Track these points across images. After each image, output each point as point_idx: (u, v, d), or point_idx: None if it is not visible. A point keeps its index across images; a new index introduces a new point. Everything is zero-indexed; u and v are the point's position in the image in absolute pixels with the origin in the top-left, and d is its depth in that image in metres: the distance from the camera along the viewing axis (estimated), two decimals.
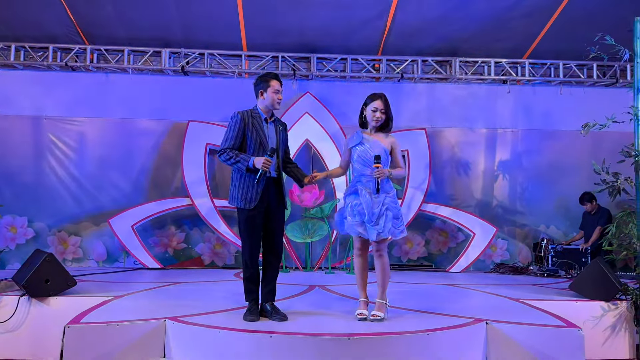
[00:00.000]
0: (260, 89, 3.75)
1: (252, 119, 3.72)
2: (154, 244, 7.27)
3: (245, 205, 3.65)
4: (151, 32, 7.15)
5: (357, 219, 3.68)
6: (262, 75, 3.80)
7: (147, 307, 4.14)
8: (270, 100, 3.73)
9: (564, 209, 7.68)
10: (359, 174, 3.77)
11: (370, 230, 3.64)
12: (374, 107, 3.76)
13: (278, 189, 3.79)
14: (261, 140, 3.69)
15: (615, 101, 5.88)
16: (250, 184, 3.64)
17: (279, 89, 3.75)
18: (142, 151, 7.40)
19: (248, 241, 3.74)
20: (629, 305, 4.46)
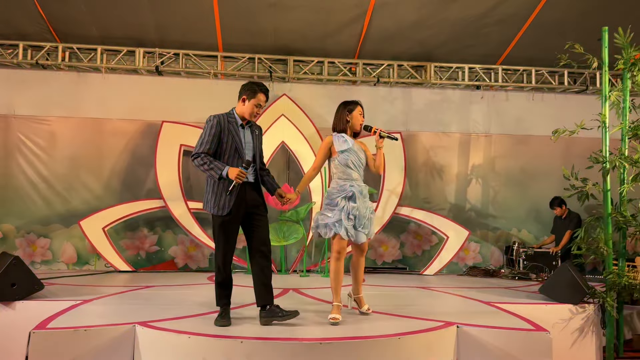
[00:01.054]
0: (244, 94, 3.68)
1: (229, 123, 3.64)
2: (126, 247, 7.15)
3: (218, 211, 3.60)
4: (125, 31, 7.05)
5: (350, 223, 3.74)
6: (253, 83, 3.73)
7: (116, 311, 4.07)
8: (249, 111, 3.67)
9: (536, 213, 7.82)
10: (350, 178, 3.83)
11: (360, 234, 3.78)
12: (359, 112, 3.92)
13: (257, 192, 3.76)
14: (237, 146, 3.63)
15: (586, 108, 6.03)
16: (224, 190, 3.57)
17: (262, 104, 3.71)
18: (114, 152, 7.28)
19: (221, 247, 3.72)
20: (596, 308, 4.56)
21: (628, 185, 4.60)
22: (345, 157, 3.84)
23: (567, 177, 4.76)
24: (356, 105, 3.96)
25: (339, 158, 3.85)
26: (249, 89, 3.68)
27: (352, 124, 3.91)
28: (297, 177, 7.38)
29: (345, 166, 3.84)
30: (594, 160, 4.73)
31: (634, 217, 4.63)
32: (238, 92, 3.75)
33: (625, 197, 4.64)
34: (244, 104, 3.67)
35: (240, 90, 3.73)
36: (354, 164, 3.85)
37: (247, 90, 3.68)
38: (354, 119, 3.90)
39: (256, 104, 3.67)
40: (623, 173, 4.66)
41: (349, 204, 3.76)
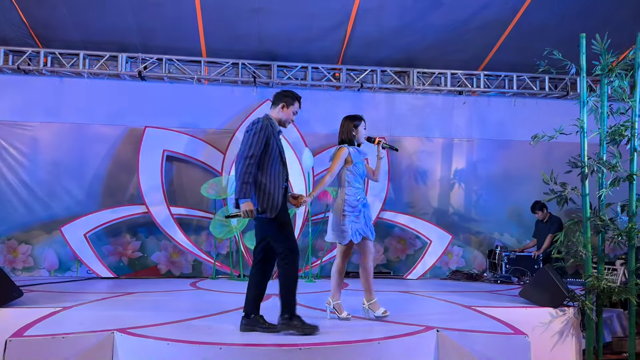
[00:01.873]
0: (283, 101, 3.69)
1: (272, 129, 3.62)
2: (108, 253, 7.10)
3: (273, 213, 3.52)
4: (108, 36, 7.01)
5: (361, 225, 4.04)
6: (291, 91, 3.78)
7: (96, 318, 4.02)
8: (288, 118, 3.72)
9: (518, 217, 7.89)
10: (362, 187, 4.13)
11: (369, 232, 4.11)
12: (363, 126, 4.16)
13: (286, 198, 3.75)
14: (280, 151, 3.65)
15: (566, 113, 6.08)
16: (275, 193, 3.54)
17: (297, 112, 3.78)
18: (96, 157, 7.23)
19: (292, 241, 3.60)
20: (576, 311, 4.61)
21: (606, 189, 4.66)
22: (360, 168, 4.12)
23: (546, 181, 4.80)
24: (361, 120, 4.19)
25: (354, 168, 4.08)
26: (289, 96, 3.72)
27: (357, 137, 4.15)
28: None
29: (359, 175, 4.10)
30: (572, 165, 4.79)
31: (612, 220, 4.69)
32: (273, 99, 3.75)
33: (603, 201, 4.70)
34: (283, 110, 3.69)
35: (278, 97, 3.74)
36: (362, 173, 4.16)
37: (287, 97, 3.71)
38: (359, 133, 4.14)
39: (294, 111, 3.74)
40: (601, 177, 4.72)
41: (364, 211, 4.09)
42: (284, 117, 3.70)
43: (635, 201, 4.64)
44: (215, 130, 7.46)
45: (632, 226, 4.58)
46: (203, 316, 4.09)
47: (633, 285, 4.54)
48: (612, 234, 4.71)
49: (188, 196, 7.32)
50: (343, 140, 4.14)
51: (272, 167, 3.57)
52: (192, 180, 7.32)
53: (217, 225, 6.78)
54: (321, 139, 7.54)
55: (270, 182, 3.54)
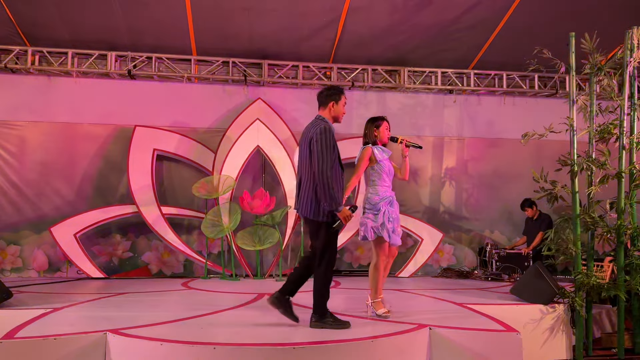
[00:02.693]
0: (332, 99, 3.71)
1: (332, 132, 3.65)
2: (98, 253, 7.05)
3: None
4: (96, 34, 6.96)
5: (391, 226, 4.08)
6: (335, 87, 3.79)
7: (87, 319, 4.00)
8: (340, 113, 3.75)
9: (508, 214, 7.95)
10: (387, 185, 4.18)
11: (396, 237, 4.14)
12: (385, 127, 4.24)
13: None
14: (338, 154, 3.67)
15: (555, 111, 6.14)
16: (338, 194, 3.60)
17: (346, 103, 3.79)
18: (86, 157, 7.17)
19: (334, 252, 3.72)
20: (566, 308, 4.65)
21: (595, 187, 4.71)
22: (385, 167, 4.18)
23: (536, 179, 4.84)
24: (382, 120, 4.27)
25: (379, 167, 4.17)
26: (334, 92, 3.73)
27: (380, 138, 4.23)
28: (273, 180, 7.37)
29: (385, 175, 4.18)
30: (562, 163, 4.83)
31: (601, 218, 4.74)
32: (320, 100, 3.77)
33: (593, 198, 4.75)
34: (334, 107, 3.72)
35: (323, 98, 3.75)
36: (389, 172, 4.21)
37: (334, 94, 3.73)
38: (381, 133, 4.22)
39: (344, 103, 3.77)
40: (590, 175, 4.76)
41: (389, 209, 4.10)
42: (337, 113, 3.74)
43: (624, 198, 4.69)
44: (206, 129, 7.43)
45: (621, 223, 4.64)
46: (196, 316, 4.07)
47: (622, 281, 4.60)
48: (601, 231, 4.76)
49: (179, 196, 7.29)
50: (367, 142, 4.25)
51: (335, 169, 3.61)
52: (183, 180, 7.28)
53: (208, 225, 6.76)
54: None
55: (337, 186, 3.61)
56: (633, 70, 4.74)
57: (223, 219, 6.80)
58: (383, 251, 4.12)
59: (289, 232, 7.11)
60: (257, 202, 6.76)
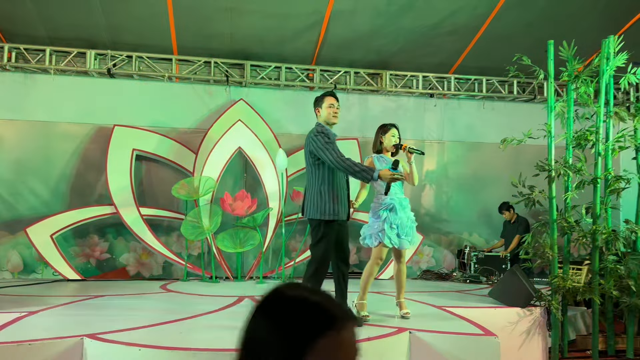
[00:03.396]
0: (316, 107, 3.91)
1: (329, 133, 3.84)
2: (75, 254, 6.93)
3: (340, 215, 3.75)
4: (76, 32, 6.84)
5: (394, 231, 4.15)
6: (320, 95, 3.95)
7: (64, 323, 3.93)
8: (325, 115, 3.86)
9: (486, 217, 8.05)
10: (392, 193, 4.17)
11: (404, 241, 4.23)
12: (392, 134, 4.31)
13: (349, 203, 3.97)
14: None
15: (534, 116, 6.27)
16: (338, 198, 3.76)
17: (333, 103, 3.87)
18: (63, 156, 7.04)
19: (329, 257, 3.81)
20: (543, 310, 4.74)
21: (572, 192, 4.80)
22: None
23: (515, 184, 4.92)
24: (390, 127, 4.35)
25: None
26: (317, 100, 3.93)
27: (385, 145, 4.32)
28: (255, 181, 7.34)
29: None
30: (540, 169, 4.92)
31: (577, 223, 4.83)
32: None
33: (569, 203, 4.84)
34: (320, 113, 3.89)
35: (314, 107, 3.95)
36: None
37: (316, 102, 3.93)
38: (386, 140, 4.31)
39: (328, 105, 3.86)
40: (567, 181, 4.85)
41: (390, 215, 4.16)
42: (326, 117, 3.86)
43: (599, 204, 4.79)
44: (187, 129, 7.36)
45: (596, 228, 4.73)
46: (175, 320, 4.04)
47: (596, 285, 4.70)
48: (577, 235, 4.86)
49: (158, 197, 7.21)
50: (373, 149, 4.39)
51: (334, 173, 3.78)
52: (163, 181, 7.20)
53: (188, 227, 6.71)
54: (295, 140, 7.52)
55: (339, 186, 3.78)
56: (609, 78, 4.84)
57: (203, 221, 6.75)
58: (377, 255, 4.19)
59: (271, 234, 7.09)
60: (239, 204, 6.72)
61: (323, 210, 3.73)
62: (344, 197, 3.86)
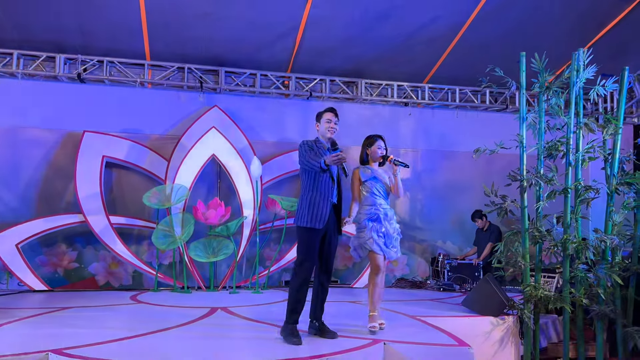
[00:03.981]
0: (317, 121, 4.11)
1: (317, 148, 3.99)
2: (42, 264, 6.72)
3: (314, 224, 3.84)
4: (45, 35, 6.66)
5: (381, 240, 4.17)
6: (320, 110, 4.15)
7: (28, 337, 3.77)
8: (323, 129, 4.04)
9: (459, 225, 8.13)
10: (374, 204, 4.25)
11: (389, 251, 4.24)
12: (377, 146, 4.37)
13: (337, 215, 4.06)
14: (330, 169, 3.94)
15: (506, 125, 6.37)
16: (317, 206, 3.87)
17: (331, 118, 4.05)
18: (31, 162, 6.84)
19: (307, 264, 3.89)
20: (515, 319, 4.78)
21: (543, 202, 4.87)
22: (370, 185, 4.29)
23: (487, 194, 4.97)
24: (376, 139, 4.41)
25: (364, 186, 4.31)
26: (317, 115, 4.13)
27: (371, 157, 4.37)
28: (229, 189, 7.25)
29: (370, 193, 4.28)
30: (512, 178, 4.97)
31: (548, 232, 4.90)
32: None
33: (540, 213, 4.91)
34: (319, 127, 4.09)
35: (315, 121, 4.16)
36: (378, 190, 4.30)
37: (316, 117, 4.13)
38: (372, 152, 4.36)
39: (326, 120, 4.04)
40: (539, 190, 4.92)
41: (375, 225, 4.18)
42: (321, 131, 4.07)
43: (570, 213, 4.87)
44: (159, 135, 7.24)
45: (567, 237, 4.80)
46: (145, 333, 3.93)
47: (567, 293, 4.76)
48: (548, 244, 4.93)
49: (129, 205, 7.05)
50: (360, 161, 4.43)
51: (321, 181, 3.91)
52: (134, 188, 7.05)
53: (160, 235, 6.58)
54: (270, 147, 7.47)
55: (320, 195, 3.89)
56: (579, 90, 4.94)
57: (175, 230, 6.63)
58: (375, 265, 4.20)
59: (244, 243, 7.00)
60: (212, 213, 6.62)
61: (300, 217, 3.91)
62: (324, 207, 3.89)
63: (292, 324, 3.84)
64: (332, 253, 4.07)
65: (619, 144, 4.99)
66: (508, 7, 6.55)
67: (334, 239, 4.05)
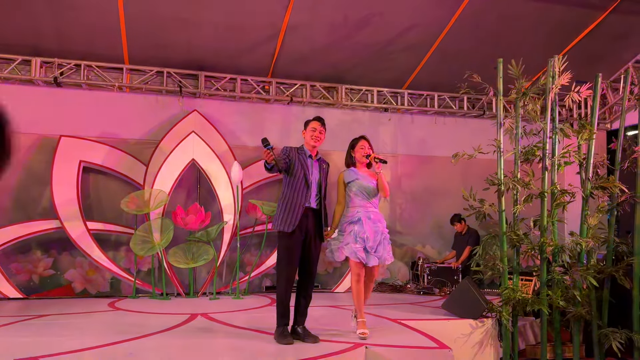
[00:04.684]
0: (303, 129, 4.19)
1: (299, 154, 4.07)
2: (16, 271, 6.57)
3: (284, 227, 3.89)
4: (20, 38, 6.55)
5: (359, 245, 4.05)
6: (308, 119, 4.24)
7: (4, 346, 3.69)
8: (308, 137, 4.11)
9: (438, 229, 8.21)
10: (357, 205, 4.19)
11: (371, 257, 4.08)
12: (361, 146, 4.33)
13: (317, 220, 4.05)
14: (305, 173, 4.02)
15: (483, 131, 6.45)
16: (290, 210, 3.92)
17: (316, 127, 4.11)
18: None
19: (287, 267, 3.95)
20: (494, 322, 4.84)
21: (520, 206, 4.95)
22: (354, 187, 4.23)
23: (466, 198, 5.03)
24: (359, 140, 4.38)
25: (348, 189, 4.26)
26: (305, 124, 4.21)
27: (356, 158, 4.33)
28: (209, 194, 7.20)
29: (354, 195, 4.23)
30: (490, 183, 5.05)
31: (526, 235, 4.98)
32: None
33: (518, 216, 4.99)
34: (304, 135, 4.16)
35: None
36: (362, 192, 4.22)
37: (304, 126, 4.20)
38: (356, 153, 4.34)
39: (311, 128, 4.11)
40: (516, 194, 5.00)
41: (355, 228, 4.09)
42: (307, 139, 4.13)
43: (546, 217, 4.96)
44: (137, 140, 7.16)
45: (544, 240, 4.89)
46: (124, 340, 3.87)
47: (544, 296, 4.84)
48: (526, 247, 5.01)
49: (106, 210, 6.94)
50: (346, 164, 4.42)
51: (295, 186, 3.97)
52: (111, 194, 6.95)
53: (138, 241, 6.49)
54: (250, 152, 7.45)
55: (293, 199, 3.95)
56: (554, 96, 5.05)
57: (154, 235, 6.55)
58: (353, 270, 4.12)
59: (225, 248, 6.96)
60: (192, 218, 6.57)
61: (275, 221, 4.02)
62: (296, 212, 3.91)
63: (283, 326, 3.91)
64: (314, 259, 4.06)
65: (592, 149, 5.11)
66: (484, 15, 6.68)
67: (314, 245, 4.03)
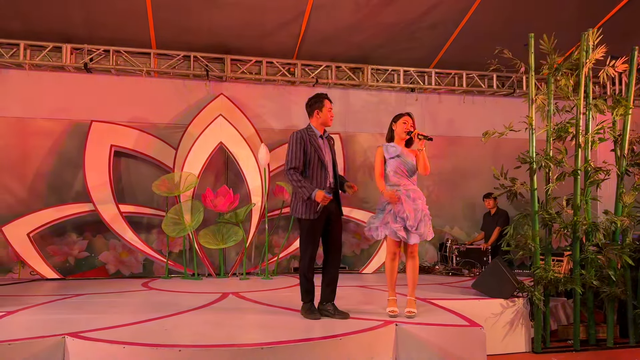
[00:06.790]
0: (316, 108, 4.03)
1: (309, 137, 3.97)
2: (53, 253, 6.78)
3: (309, 215, 3.88)
4: (51, 25, 6.67)
5: (399, 224, 4.00)
6: (315, 96, 4.08)
7: (44, 322, 3.82)
8: (325, 118, 4.02)
9: (467, 211, 8.12)
10: (397, 183, 4.12)
11: (412, 235, 4.06)
12: (404, 121, 4.23)
13: (336, 197, 4.03)
14: (319, 156, 3.96)
15: (513, 109, 6.33)
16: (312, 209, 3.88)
17: (331, 107, 4.06)
18: (39, 153, 6.89)
19: (310, 247, 3.95)
20: (525, 301, 4.79)
21: (553, 184, 4.85)
22: (394, 164, 4.15)
23: (497, 176, 4.95)
24: (402, 116, 4.27)
25: (388, 165, 4.17)
26: (316, 101, 4.05)
27: (397, 133, 4.22)
28: (237, 177, 7.27)
29: (393, 172, 4.15)
30: (521, 161, 4.96)
31: (558, 214, 4.89)
32: (307, 111, 4.07)
33: (550, 195, 4.90)
34: (319, 115, 4.02)
35: (309, 108, 4.08)
36: (402, 169, 4.15)
37: (316, 103, 4.05)
38: (398, 128, 4.23)
39: (328, 109, 4.03)
40: (548, 173, 4.90)
41: (395, 207, 4.01)
42: (324, 119, 4.03)
43: (580, 195, 4.86)
44: (166, 124, 7.26)
45: (577, 219, 4.80)
46: (158, 317, 3.97)
47: (578, 275, 4.76)
48: (558, 227, 4.92)
49: (138, 193, 7.09)
50: (386, 139, 4.33)
51: (312, 172, 3.93)
52: (142, 177, 7.09)
53: (169, 223, 6.61)
54: (276, 134, 7.48)
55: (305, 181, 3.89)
56: (588, 71, 4.90)
57: (185, 217, 6.66)
58: (389, 248, 4.15)
59: (253, 230, 7.04)
60: (221, 200, 6.65)
61: (294, 208, 3.98)
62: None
63: (309, 302, 3.98)
64: (338, 235, 4.08)
65: (628, 125, 4.96)
66: None
67: (336, 222, 4.04)
